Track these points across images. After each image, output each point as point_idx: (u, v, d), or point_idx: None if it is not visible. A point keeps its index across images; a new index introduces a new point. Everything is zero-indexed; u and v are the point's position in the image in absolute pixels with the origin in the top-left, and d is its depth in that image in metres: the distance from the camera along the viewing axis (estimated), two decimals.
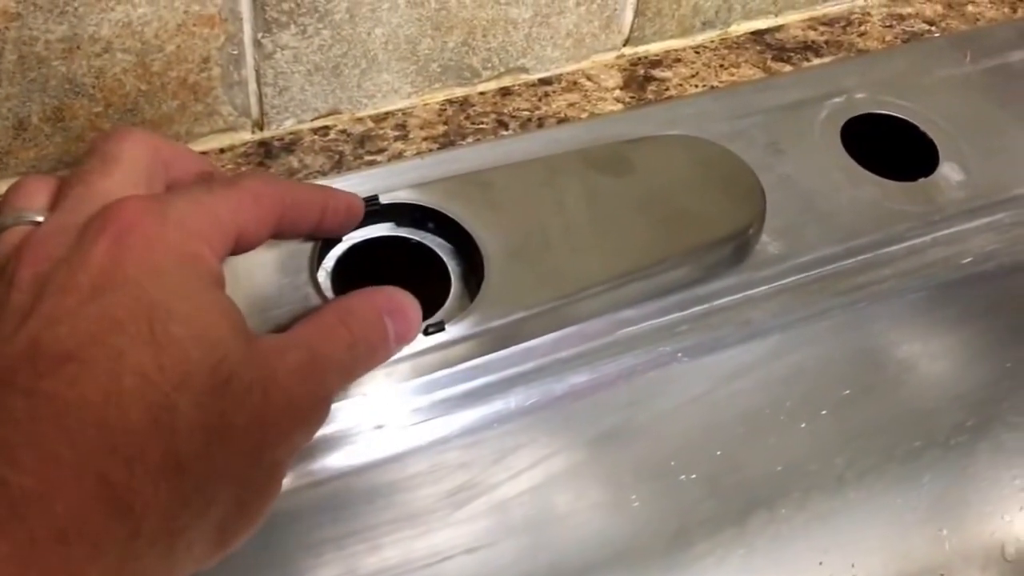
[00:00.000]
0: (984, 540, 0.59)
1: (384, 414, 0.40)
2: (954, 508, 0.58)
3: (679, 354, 0.44)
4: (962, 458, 0.58)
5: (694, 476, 0.49)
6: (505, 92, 0.52)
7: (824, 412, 0.51)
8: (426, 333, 0.40)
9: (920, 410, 0.55)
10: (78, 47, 0.42)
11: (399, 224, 0.44)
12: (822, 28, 0.59)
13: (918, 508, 0.58)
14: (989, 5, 0.62)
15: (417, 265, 0.44)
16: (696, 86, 0.54)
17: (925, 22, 0.60)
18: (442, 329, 0.40)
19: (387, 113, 0.50)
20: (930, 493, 0.58)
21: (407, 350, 0.40)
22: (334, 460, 0.40)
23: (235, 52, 0.45)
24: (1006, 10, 0.61)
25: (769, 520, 0.54)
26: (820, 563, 0.56)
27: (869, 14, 0.60)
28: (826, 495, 0.55)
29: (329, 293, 0.41)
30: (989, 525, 0.59)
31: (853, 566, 0.57)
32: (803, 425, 0.51)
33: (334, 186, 0.45)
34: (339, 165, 0.48)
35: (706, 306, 0.45)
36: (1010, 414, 0.58)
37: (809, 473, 0.53)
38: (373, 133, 0.50)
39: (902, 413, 0.54)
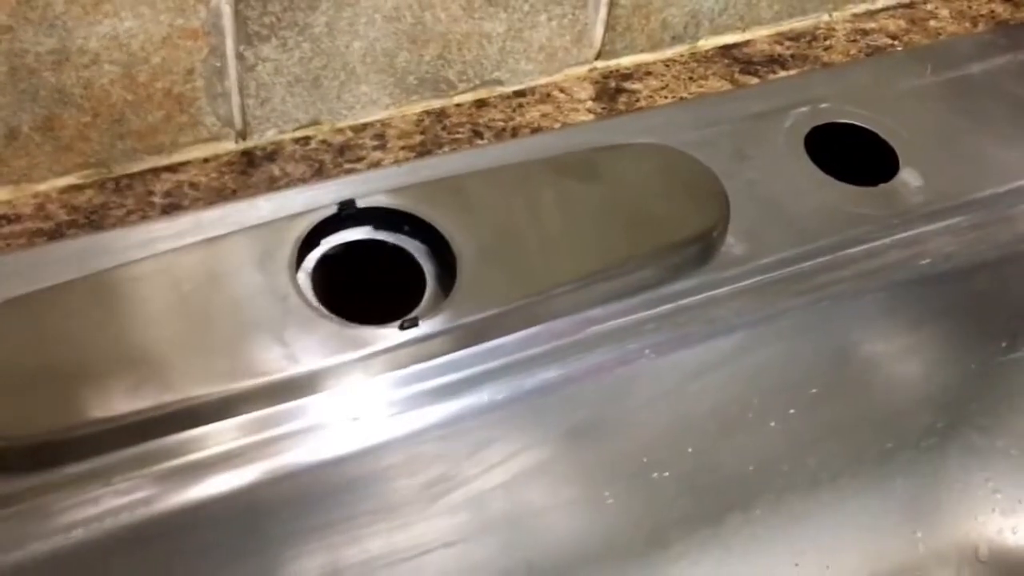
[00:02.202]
0: (958, 541, 0.60)
1: (360, 407, 0.42)
2: (928, 510, 0.60)
3: (646, 351, 0.46)
4: (934, 460, 0.59)
5: (667, 474, 0.51)
6: (480, 104, 0.54)
7: (793, 411, 0.52)
8: (401, 328, 0.41)
9: (890, 411, 0.57)
10: (67, 59, 0.44)
11: (377, 227, 0.46)
12: (788, 43, 0.61)
13: (892, 510, 0.59)
14: (951, 20, 0.64)
15: (394, 266, 0.45)
16: (666, 97, 0.56)
17: (888, 36, 0.62)
18: (416, 324, 0.41)
19: (366, 124, 0.52)
20: (904, 495, 0.59)
21: (382, 344, 0.41)
22: (311, 452, 0.41)
23: (218, 64, 0.47)
24: (967, 24, 0.64)
25: (744, 521, 0.55)
26: (796, 564, 0.58)
27: (834, 29, 0.62)
28: (800, 496, 0.56)
29: (309, 294, 0.43)
30: (963, 526, 0.60)
31: (828, 568, 0.58)
32: (773, 424, 0.52)
33: (315, 192, 0.47)
34: (319, 173, 0.50)
35: (672, 305, 0.47)
36: (979, 416, 0.59)
37: (782, 473, 0.55)
38: (352, 143, 0.51)
39: (872, 414, 0.56)
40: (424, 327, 0.42)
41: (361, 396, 0.42)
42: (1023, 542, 0.60)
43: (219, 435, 0.40)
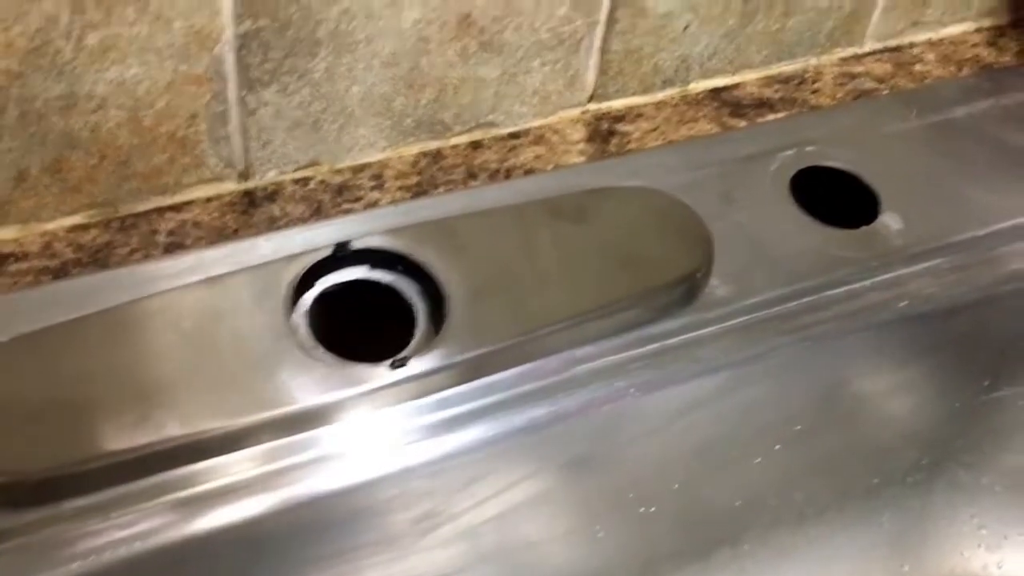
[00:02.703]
0: None
1: (353, 443, 0.43)
2: (914, 545, 0.61)
3: (632, 389, 0.47)
4: (920, 496, 0.60)
5: (654, 509, 0.52)
6: (475, 145, 0.56)
7: (778, 447, 0.53)
8: (391, 367, 0.43)
9: (875, 448, 0.58)
10: (75, 104, 0.45)
11: (372, 267, 0.47)
12: (777, 86, 0.62)
13: (879, 544, 0.60)
14: (936, 64, 0.65)
15: (388, 305, 0.47)
16: (656, 139, 0.58)
17: (875, 80, 0.64)
18: (404, 364, 0.43)
19: (364, 165, 0.54)
20: (890, 530, 0.60)
21: (375, 382, 0.43)
22: (307, 486, 0.42)
23: (221, 109, 0.49)
24: (952, 68, 0.65)
25: (732, 556, 0.56)
26: None
27: (822, 73, 0.64)
28: (788, 531, 0.57)
29: (305, 332, 0.45)
30: (949, 561, 0.61)
31: None
32: (759, 460, 0.53)
33: (313, 232, 0.49)
34: (318, 213, 0.51)
35: (658, 344, 0.48)
36: (963, 453, 0.60)
37: (769, 508, 0.56)
38: (351, 183, 0.53)
39: (857, 450, 0.57)
40: (414, 366, 0.43)
41: (354, 432, 0.43)
42: None
43: (220, 469, 0.42)
